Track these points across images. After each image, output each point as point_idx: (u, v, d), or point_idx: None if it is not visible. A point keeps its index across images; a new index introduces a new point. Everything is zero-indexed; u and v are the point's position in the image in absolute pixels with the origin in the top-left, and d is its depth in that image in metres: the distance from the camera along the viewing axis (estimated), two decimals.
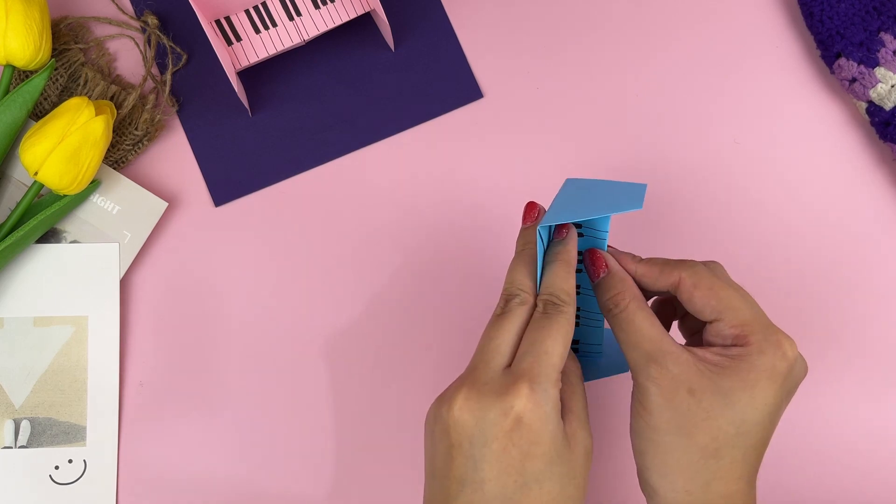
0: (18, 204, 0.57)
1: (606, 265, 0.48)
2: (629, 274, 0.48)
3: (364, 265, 0.61)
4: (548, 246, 0.49)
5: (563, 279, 0.47)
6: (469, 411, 0.43)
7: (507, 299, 0.48)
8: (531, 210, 0.50)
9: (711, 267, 0.48)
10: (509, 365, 0.45)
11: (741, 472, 0.45)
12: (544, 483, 0.43)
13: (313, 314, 0.61)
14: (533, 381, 0.43)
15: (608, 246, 0.50)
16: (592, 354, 0.52)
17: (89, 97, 0.60)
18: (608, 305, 0.47)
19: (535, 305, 0.47)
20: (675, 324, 0.53)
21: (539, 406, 0.43)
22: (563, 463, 0.43)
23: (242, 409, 0.60)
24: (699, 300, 0.46)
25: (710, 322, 0.46)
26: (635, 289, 0.47)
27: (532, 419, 0.43)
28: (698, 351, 0.45)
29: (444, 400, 0.45)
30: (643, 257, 0.49)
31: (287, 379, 0.60)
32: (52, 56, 0.60)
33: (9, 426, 0.59)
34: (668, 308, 0.53)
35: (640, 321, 0.46)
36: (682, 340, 0.53)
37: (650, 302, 0.52)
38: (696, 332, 0.51)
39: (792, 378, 0.45)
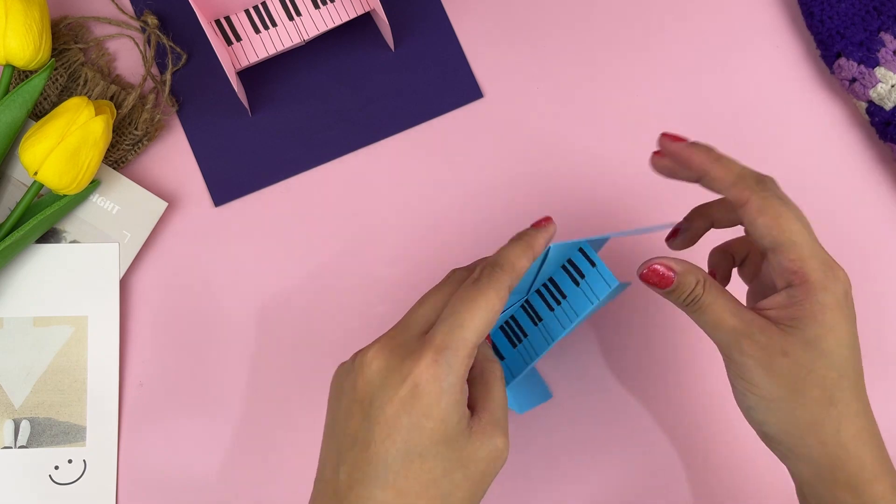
0: (18, 204, 0.57)
1: (672, 270, 0.47)
2: (703, 172, 0.47)
3: (364, 265, 0.61)
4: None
5: (516, 254, 0.46)
6: (376, 368, 0.43)
7: (454, 270, 0.47)
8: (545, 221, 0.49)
9: (768, 184, 0.47)
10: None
11: (857, 408, 0.46)
12: (427, 458, 0.42)
13: (313, 313, 0.61)
14: (439, 351, 0.42)
15: (679, 138, 0.48)
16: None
17: (89, 97, 0.60)
18: (687, 301, 0.47)
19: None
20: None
21: (437, 378, 0.42)
22: (454, 448, 0.42)
23: (242, 409, 0.60)
24: (762, 226, 0.45)
25: (770, 251, 0.46)
26: (703, 272, 0.47)
27: (428, 389, 0.42)
28: (770, 312, 0.46)
29: (357, 354, 0.44)
30: (719, 153, 0.48)
31: (287, 378, 0.60)
32: (52, 56, 0.60)
33: (8, 426, 0.59)
34: (727, 258, 0.53)
35: (719, 304, 0.46)
36: (744, 286, 0.53)
37: (709, 259, 0.54)
38: (755, 277, 0.52)
39: (851, 304, 0.46)
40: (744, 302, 0.49)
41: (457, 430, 0.42)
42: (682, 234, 0.53)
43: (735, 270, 0.54)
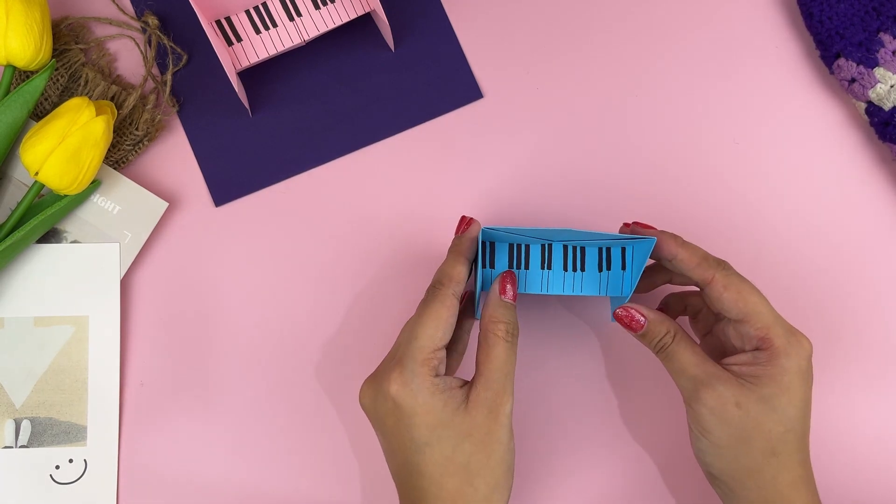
0: (19, 204, 0.57)
1: (644, 317, 0.52)
2: (672, 255, 0.53)
3: (364, 265, 0.61)
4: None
5: (450, 265, 0.53)
6: (367, 396, 0.52)
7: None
8: (462, 223, 0.56)
9: (726, 265, 0.52)
10: None
11: (798, 459, 0.51)
12: (434, 445, 0.49)
13: (313, 314, 0.61)
14: (402, 364, 0.50)
15: (651, 227, 0.54)
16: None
17: (90, 97, 0.60)
18: (657, 347, 0.53)
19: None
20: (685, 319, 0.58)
21: (406, 385, 0.50)
22: (451, 426, 0.49)
23: (242, 409, 0.60)
24: (728, 300, 0.51)
25: (735, 321, 0.51)
26: (674, 325, 0.52)
27: (403, 398, 0.50)
28: (734, 367, 0.51)
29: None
30: (684, 240, 0.53)
31: (287, 378, 0.60)
32: (53, 56, 0.60)
33: (9, 426, 0.59)
34: (680, 304, 0.58)
35: (684, 353, 0.52)
36: (695, 338, 0.56)
37: (663, 299, 0.59)
38: (707, 333, 0.56)
39: (811, 368, 0.51)
40: None
41: (447, 413, 0.50)
42: (643, 280, 0.58)
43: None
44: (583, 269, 0.55)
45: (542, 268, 0.55)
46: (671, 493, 0.60)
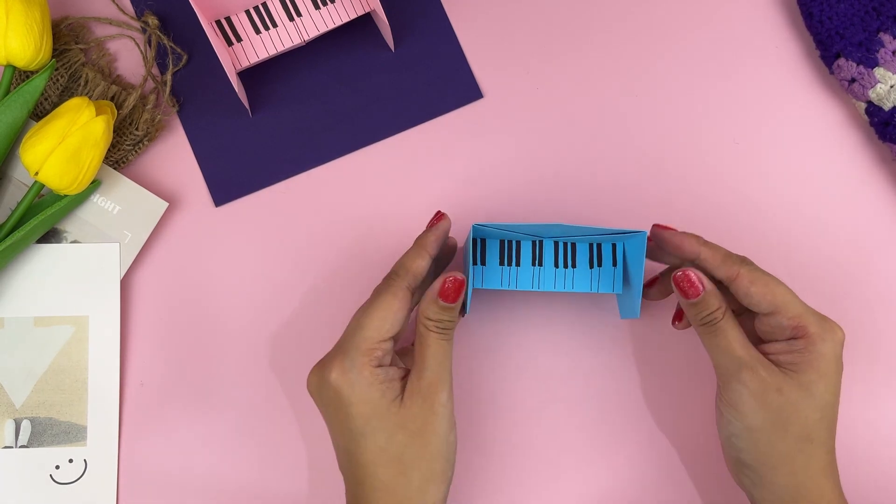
0: (19, 204, 0.57)
1: (702, 285, 0.52)
2: (695, 255, 0.53)
3: (364, 265, 0.61)
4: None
5: (409, 258, 0.53)
6: (312, 382, 0.52)
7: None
8: (434, 217, 0.56)
9: (749, 261, 0.53)
10: None
11: (828, 446, 0.51)
12: (368, 436, 0.50)
13: (313, 313, 0.61)
14: (344, 353, 0.51)
15: (669, 227, 0.54)
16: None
17: (90, 97, 0.60)
18: (705, 320, 0.52)
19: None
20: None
21: (345, 374, 0.50)
22: (386, 418, 0.50)
23: (243, 409, 0.60)
24: (756, 294, 0.51)
25: (766, 314, 0.52)
26: (725, 303, 0.52)
27: (342, 386, 0.50)
28: (770, 356, 0.51)
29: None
30: (705, 239, 0.53)
31: (287, 378, 0.60)
32: (53, 56, 0.60)
33: (9, 426, 0.59)
34: None
35: (732, 332, 0.52)
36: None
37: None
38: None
39: (841, 355, 0.52)
40: None
41: (383, 404, 0.50)
42: (658, 286, 0.58)
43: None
44: (574, 266, 0.56)
45: (533, 264, 0.55)
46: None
